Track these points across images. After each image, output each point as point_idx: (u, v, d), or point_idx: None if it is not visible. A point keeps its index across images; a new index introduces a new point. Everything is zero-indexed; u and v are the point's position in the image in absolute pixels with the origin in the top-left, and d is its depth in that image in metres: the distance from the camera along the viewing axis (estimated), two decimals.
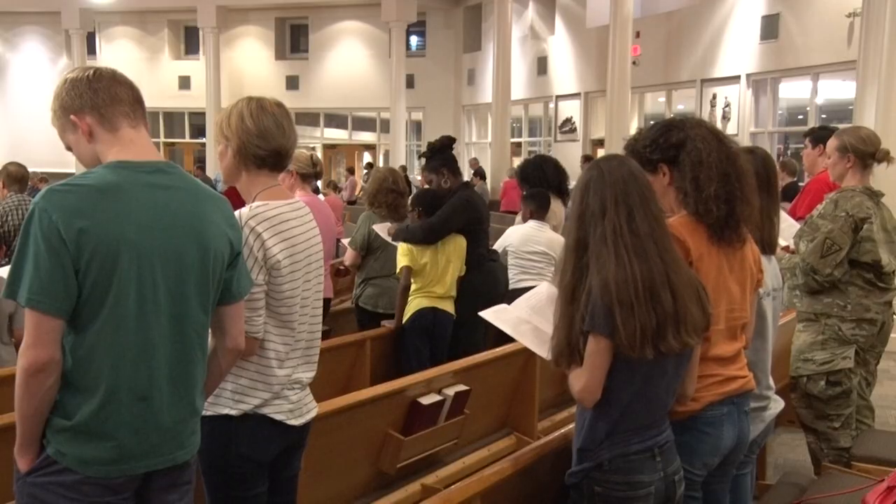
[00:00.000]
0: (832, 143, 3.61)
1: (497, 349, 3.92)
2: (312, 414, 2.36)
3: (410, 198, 4.93)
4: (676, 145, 2.35)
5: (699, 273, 2.26)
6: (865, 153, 3.52)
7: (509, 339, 3.92)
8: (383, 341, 4.71)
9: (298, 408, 2.29)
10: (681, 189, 2.35)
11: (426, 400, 3.31)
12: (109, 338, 1.77)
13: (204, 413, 2.07)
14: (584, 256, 2.09)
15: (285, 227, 2.21)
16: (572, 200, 2.18)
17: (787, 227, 3.87)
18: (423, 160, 5.01)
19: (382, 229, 4.86)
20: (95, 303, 1.75)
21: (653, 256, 2.04)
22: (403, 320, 4.64)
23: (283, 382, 2.24)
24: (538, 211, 5.18)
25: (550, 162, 5.75)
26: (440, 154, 4.89)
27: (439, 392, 3.41)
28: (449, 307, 4.67)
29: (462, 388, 3.48)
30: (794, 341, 3.65)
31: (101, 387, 1.77)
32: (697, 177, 2.30)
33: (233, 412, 2.19)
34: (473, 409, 3.58)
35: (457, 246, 4.66)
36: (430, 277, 4.60)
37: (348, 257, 5.08)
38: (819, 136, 4.93)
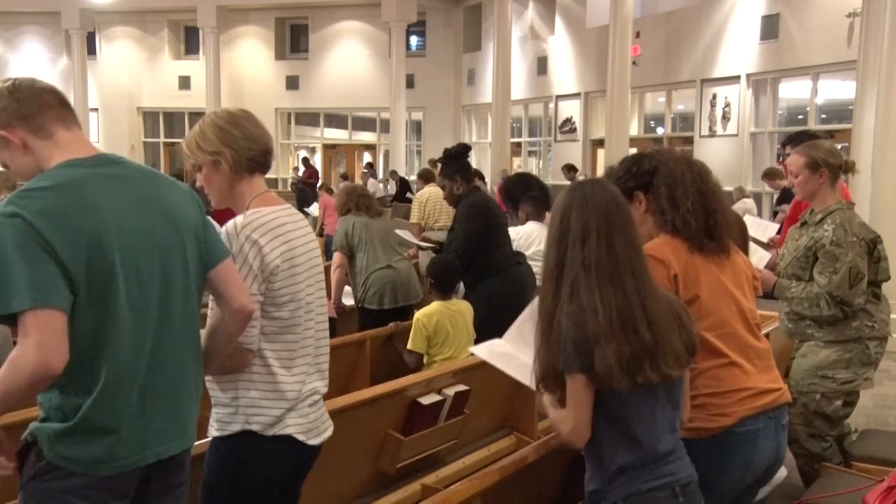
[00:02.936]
0: (798, 160, 3.45)
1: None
2: (329, 433, 2.33)
3: (427, 267, 4.65)
4: (650, 171, 2.42)
5: (688, 282, 2.27)
6: (836, 166, 3.44)
7: None
8: (383, 341, 4.71)
9: (316, 426, 2.27)
10: (657, 210, 2.39)
11: (426, 400, 3.32)
12: (102, 330, 1.76)
13: (219, 434, 2.06)
14: (562, 280, 2.05)
15: (282, 230, 2.18)
16: (551, 223, 2.12)
17: (760, 260, 3.86)
18: (440, 165, 5.11)
19: (407, 234, 4.96)
20: (85, 298, 1.73)
21: (629, 287, 2.00)
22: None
23: (296, 390, 2.19)
24: (534, 212, 5.21)
25: (535, 180, 5.85)
26: (455, 161, 4.97)
27: (439, 392, 3.41)
28: None
29: (462, 388, 3.48)
30: (804, 355, 3.51)
31: (98, 381, 1.76)
32: (673, 194, 2.35)
33: (252, 427, 2.14)
34: (473, 409, 3.58)
35: (467, 308, 4.47)
36: (452, 344, 4.30)
37: (336, 259, 5.21)
38: (799, 140, 4.87)
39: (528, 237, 5.09)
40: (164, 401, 1.87)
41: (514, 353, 2.49)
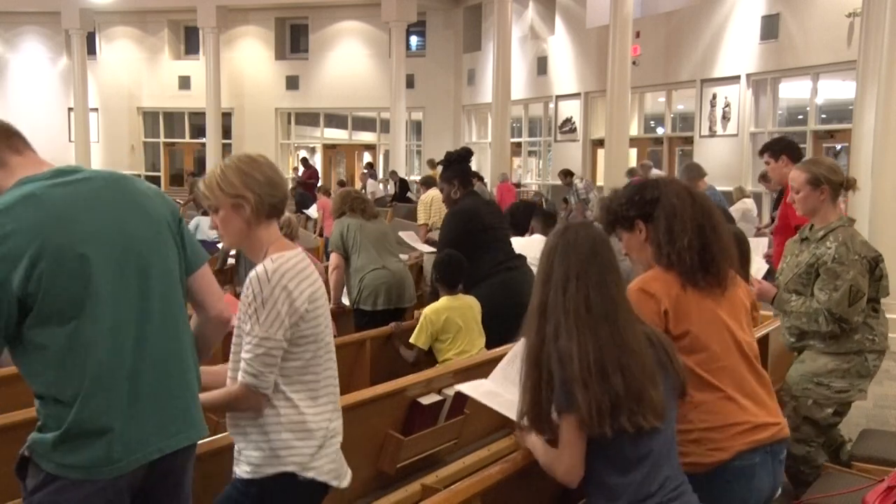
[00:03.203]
0: (800, 176, 3.46)
1: (496, 349, 3.92)
2: (350, 475, 2.32)
3: (432, 265, 4.73)
4: (651, 202, 2.40)
5: (679, 318, 2.27)
6: (838, 183, 3.44)
7: (511, 342, 3.93)
8: (383, 341, 4.71)
9: (342, 466, 2.27)
10: (654, 242, 2.39)
11: (426, 400, 3.32)
12: (81, 331, 1.78)
13: (251, 476, 2.08)
14: (546, 321, 2.10)
15: (305, 274, 2.20)
16: (539, 264, 2.19)
17: (758, 270, 3.85)
18: (441, 168, 5.19)
19: (410, 237, 4.98)
20: (56, 305, 1.76)
21: (604, 337, 2.03)
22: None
23: (324, 427, 2.20)
24: (540, 227, 5.44)
25: (540, 209, 6.04)
26: (456, 165, 5.04)
27: (439, 392, 3.41)
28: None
29: None
30: (802, 361, 3.51)
31: (84, 382, 1.78)
32: (671, 228, 2.35)
33: (288, 469, 2.13)
34: (473, 409, 3.58)
35: (474, 303, 4.49)
36: (463, 338, 4.33)
37: (333, 260, 5.26)
38: (776, 148, 4.86)
39: (526, 247, 5.13)
40: (159, 393, 1.88)
41: (499, 391, 2.51)
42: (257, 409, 2.12)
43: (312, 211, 12.79)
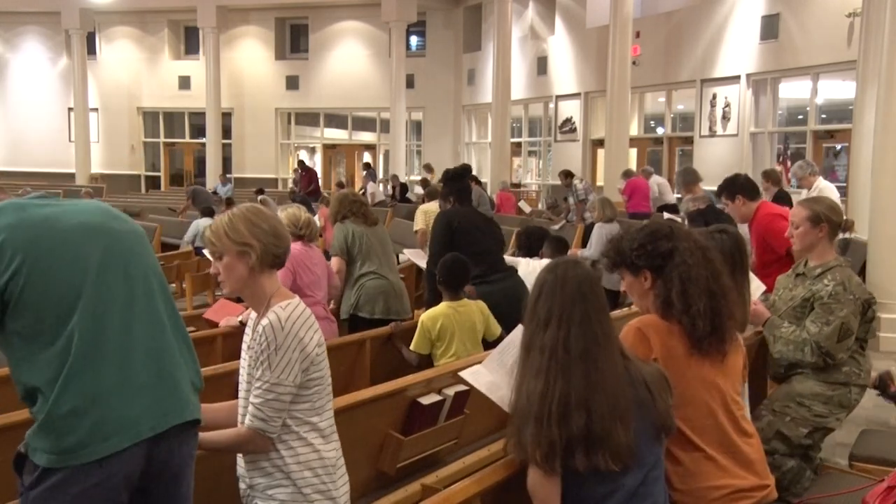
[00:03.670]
0: (801, 212, 3.53)
1: (497, 349, 3.91)
2: None
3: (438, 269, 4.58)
4: (664, 255, 2.36)
5: (669, 367, 2.25)
6: (837, 223, 3.52)
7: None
8: (383, 341, 4.71)
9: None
10: (660, 296, 2.36)
11: (426, 400, 3.32)
12: (67, 320, 1.84)
13: None
14: (528, 357, 2.13)
15: (311, 320, 2.24)
16: (529, 298, 2.20)
17: (756, 290, 3.87)
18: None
19: (416, 255, 5.05)
20: (51, 297, 1.83)
21: (577, 377, 2.04)
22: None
23: (332, 464, 2.24)
24: (550, 253, 5.52)
25: (552, 235, 6.08)
26: (453, 182, 5.14)
27: (439, 392, 3.41)
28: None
29: (462, 388, 3.47)
30: (789, 383, 3.53)
31: (67, 365, 1.82)
32: (686, 291, 2.31)
33: None
34: (473, 409, 3.58)
35: (476, 308, 4.44)
36: (456, 346, 4.28)
37: (334, 264, 5.19)
38: (731, 189, 4.95)
39: (527, 268, 5.21)
40: (149, 376, 1.93)
41: (500, 383, 2.52)
42: (264, 451, 2.16)
43: (315, 220, 12.83)
